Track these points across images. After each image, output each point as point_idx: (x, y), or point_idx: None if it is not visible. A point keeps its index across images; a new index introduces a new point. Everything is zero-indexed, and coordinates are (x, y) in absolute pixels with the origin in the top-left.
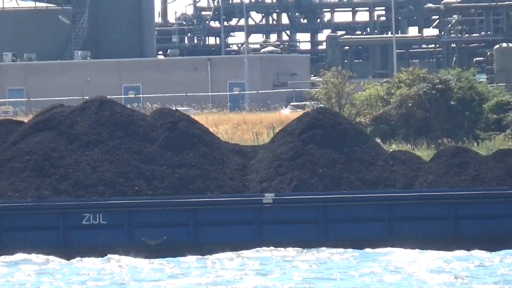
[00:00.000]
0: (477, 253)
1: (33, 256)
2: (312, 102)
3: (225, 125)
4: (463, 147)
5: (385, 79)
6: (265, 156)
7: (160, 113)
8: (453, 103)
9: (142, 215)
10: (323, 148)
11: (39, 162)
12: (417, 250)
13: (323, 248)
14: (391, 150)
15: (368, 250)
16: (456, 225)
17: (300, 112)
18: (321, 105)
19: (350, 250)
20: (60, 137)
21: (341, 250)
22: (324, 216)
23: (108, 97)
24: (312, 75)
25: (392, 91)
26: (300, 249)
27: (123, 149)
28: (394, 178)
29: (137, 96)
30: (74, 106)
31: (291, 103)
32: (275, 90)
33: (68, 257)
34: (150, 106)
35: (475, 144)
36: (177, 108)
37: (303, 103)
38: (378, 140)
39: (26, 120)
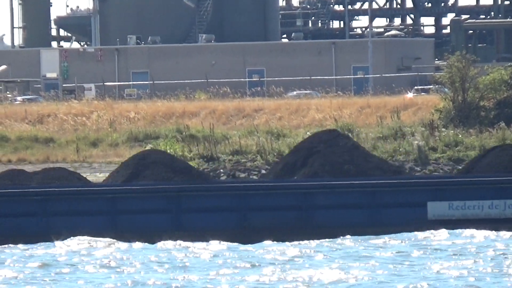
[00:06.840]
0: None
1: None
2: (436, 86)
3: (349, 109)
4: None
5: (509, 63)
6: None
7: None
8: None
9: None
10: None
11: None
12: None
13: None
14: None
15: None
16: None
17: (424, 96)
18: (445, 89)
19: None
20: None
21: None
22: None
23: (232, 80)
24: (436, 59)
25: None
26: None
27: None
28: None
29: (261, 79)
30: None
31: (415, 87)
32: (399, 74)
33: None
34: (274, 89)
35: None
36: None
37: (427, 87)
38: (503, 124)
39: (148, 103)
